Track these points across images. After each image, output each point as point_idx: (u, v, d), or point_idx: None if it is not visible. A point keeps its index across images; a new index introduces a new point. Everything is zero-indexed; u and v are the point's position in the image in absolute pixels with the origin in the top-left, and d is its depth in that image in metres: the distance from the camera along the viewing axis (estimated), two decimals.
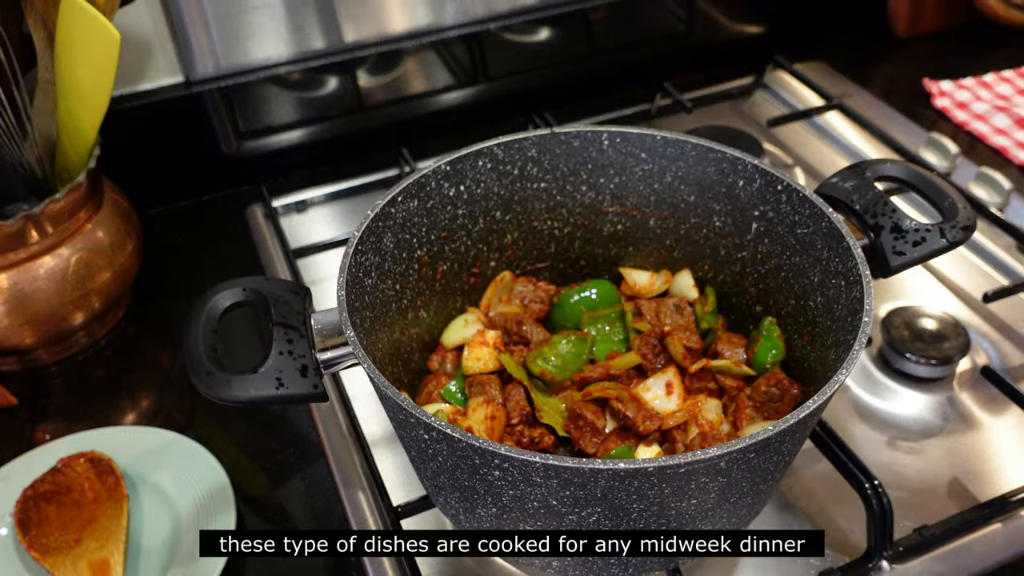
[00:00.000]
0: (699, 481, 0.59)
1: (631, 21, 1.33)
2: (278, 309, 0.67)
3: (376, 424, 0.89)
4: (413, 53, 1.23)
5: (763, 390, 0.76)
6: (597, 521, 0.61)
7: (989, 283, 1.03)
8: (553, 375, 0.79)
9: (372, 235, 0.74)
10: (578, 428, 0.74)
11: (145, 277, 1.06)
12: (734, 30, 1.44)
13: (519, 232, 0.89)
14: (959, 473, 0.84)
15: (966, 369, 0.93)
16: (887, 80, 1.38)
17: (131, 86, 1.15)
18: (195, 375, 0.63)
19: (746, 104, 1.38)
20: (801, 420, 0.57)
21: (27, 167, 0.93)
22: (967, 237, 0.73)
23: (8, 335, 0.93)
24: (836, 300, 0.71)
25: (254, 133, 1.22)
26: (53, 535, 0.78)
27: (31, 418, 0.94)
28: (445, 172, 0.81)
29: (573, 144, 0.84)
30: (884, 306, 0.99)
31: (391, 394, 0.60)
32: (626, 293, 0.90)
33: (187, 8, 1.08)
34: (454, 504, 0.70)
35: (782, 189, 0.77)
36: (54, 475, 0.82)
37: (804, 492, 0.82)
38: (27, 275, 0.91)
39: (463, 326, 0.86)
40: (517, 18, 1.25)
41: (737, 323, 0.87)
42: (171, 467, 0.84)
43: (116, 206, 1.00)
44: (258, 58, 1.16)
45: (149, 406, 0.96)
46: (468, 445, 0.57)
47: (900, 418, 0.89)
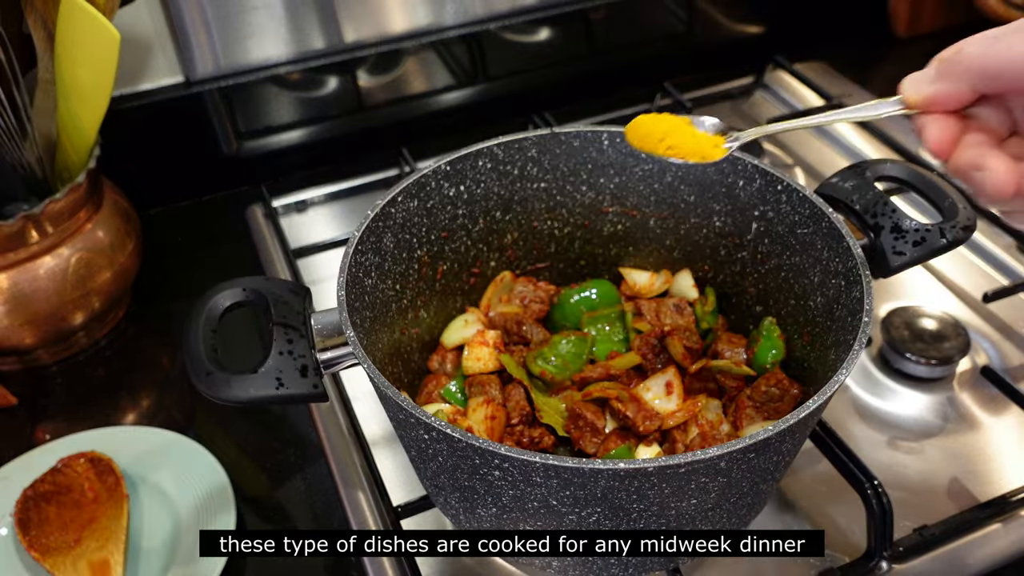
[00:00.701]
0: (699, 481, 0.59)
1: (631, 21, 1.33)
2: (278, 309, 0.67)
3: (376, 424, 0.89)
4: (413, 53, 1.23)
5: (763, 390, 0.76)
6: (597, 521, 0.61)
7: (989, 283, 1.03)
8: (553, 375, 0.79)
9: (372, 235, 0.74)
10: (578, 428, 0.74)
11: (145, 277, 1.06)
12: (734, 30, 1.44)
13: (519, 232, 0.89)
14: (959, 473, 0.84)
15: (966, 369, 0.93)
16: (887, 80, 1.38)
17: (131, 86, 1.15)
18: (195, 375, 0.63)
19: (746, 104, 1.38)
20: (801, 420, 0.57)
21: (27, 167, 0.93)
22: (967, 237, 0.73)
23: (8, 335, 0.93)
24: (836, 300, 0.71)
25: (254, 133, 1.22)
26: (53, 535, 0.78)
27: (31, 418, 0.94)
28: (445, 172, 0.81)
29: (573, 144, 0.84)
30: (884, 306, 0.99)
31: (391, 394, 0.60)
32: (626, 293, 0.90)
33: (187, 8, 1.08)
34: (454, 504, 0.70)
35: (782, 189, 0.77)
36: (54, 475, 0.82)
37: (804, 492, 0.82)
38: (27, 275, 0.91)
39: (463, 326, 0.86)
40: (517, 18, 1.25)
41: (737, 323, 0.87)
42: (171, 467, 0.84)
43: (116, 206, 1.00)
44: (258, 58, 1.16)
45: (149, 406, 0.96)
46: (468, 445, 0.57)
47: (900, 418, 0.89)
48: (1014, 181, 0.51)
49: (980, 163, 0.51)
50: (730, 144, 0.66)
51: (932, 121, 0.54)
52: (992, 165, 0.51)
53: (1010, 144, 0.54)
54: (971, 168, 0.52)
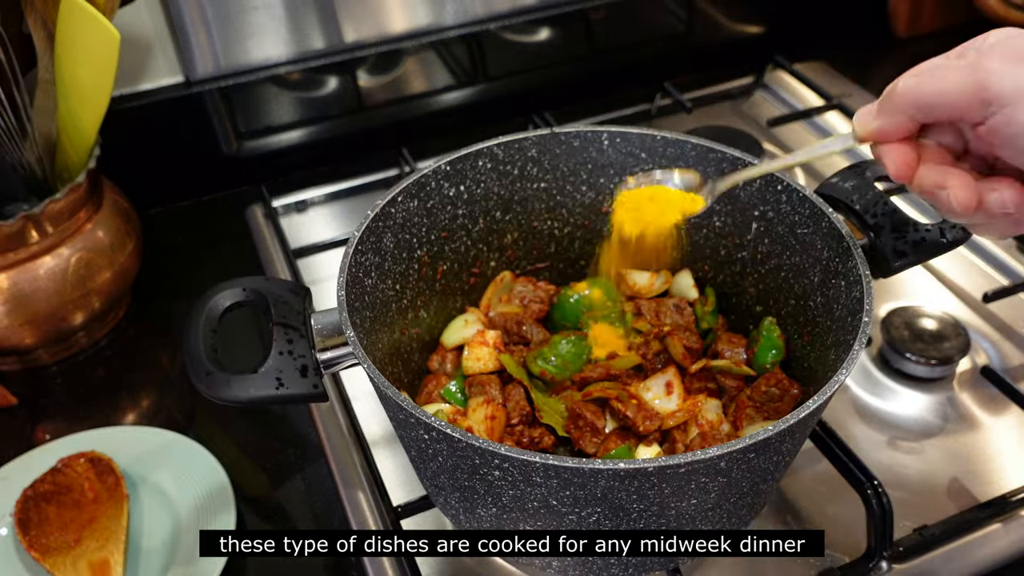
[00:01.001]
0: (699, 481, 0.59)
1: (631, 21, 1.33)
2: (278, 309, 0.67)
3: (376, 424, 0.89)
4: (413, 53, 1.23)
5: (763, 390, 0.76)
6: (597, 521, 0.61)
7: (989, 283, 1.03)
8: (553, 375, 0.79)
9: (372, 235, 0.74)
10: (578, 428, 0.74)
11: (145, 277, 1.06)
12: (734, 30, 1.44)
13: (519, 232, 0.89)
14: (959, 473, 0.84)
15: (966, 369, 0.93)
16: (887, 80, 1.36)
17: (131, 86, 1.15)
18: (195, 375, 0.63)
19: (746, 104, 1.38)
20: (801, 420, 0.57)
21: (27, 167, 0.93)
22: (967, 237, 0.73)
23: (8, 335, 0.93)
24: (836, 300, 0.71)
25: (254, 133, 1.22)
26: (53, 535, 0.78)
27: (31, 418, 0.94)
28: (445, 172, 0.81)
29: (573, 144, 0.84)
30: (884, 306, 0.99)
31: (391, 394, 0.60)
32: (626, 293, 0.90)
33: (187, 8, 1.08)
34: (454, 504, 0.70)
35: (782, 189, 0.77)
36: (54, 475, 0.82)
37: (804, 492, 0.82)
38: (27, 275, 0.91)
39: (463, 326, 0.86)
40: (517, 18, 1.25)
41: (737, 323, 0.87)
42: (171, 467, 0.84)
43: (116, 206, 1.00)
44: (258, 58, 1.16)
45: (149, 406, 0.96)
46: (468, 445, 0.57)
47: (900, 418, 0.89)
48: (975, 197, 0.54)
49: (942, 182, 0.55)
50: (706, 196, 0.71)
51: (888, 150, 0.57)
52: (952, 183, 0.54)
53: (968, 159, 0.57)
54: (934, 188, 0.55)
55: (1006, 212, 0.54)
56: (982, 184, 0.55)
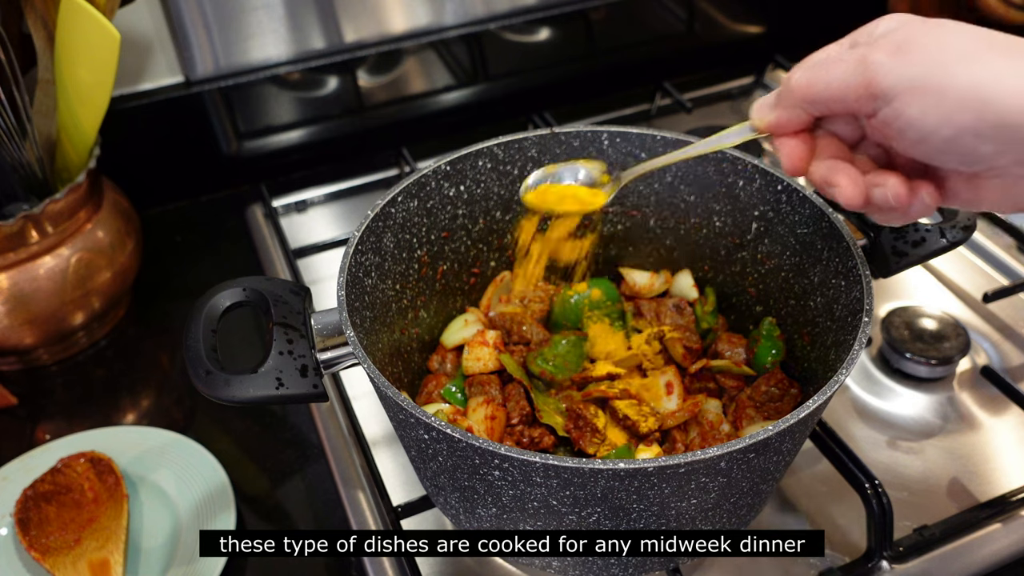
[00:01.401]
0: (699, 481, 0.59)
1: (631, 21, 1.33)
2: (278, 309, 0.67)
3: (376, 424, 0.89)
4: (413, 53, 1.23)
5: (763, 390, 0.76)
6: (597, 521, 0.61)
7: (989, 283, 1.03)
8: (553, 375, 0.79)
9: (372, 235, 0.74)
10: (578, 428, 0.74)
11: (145, 277, 1.06)
12: (734, 30, 1.44)
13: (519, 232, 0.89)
14: (959, 473, 0.84)
15: (966, 369, 0.93)
16: None
17: (131, 86, 1.15)
18: (195, 375, 0.63)
19: (746, 104, 1.38)
20: (801, 420, 0.57)
21: (27, 167, 0.93)
22: (967, 237, 0.73)
23: (8, 335, 0.93)
24: (836, 300, 0.71)
25: (254, 133, 1.22)
26: (53, 535, 0.78)
27: (31, 418, 0.94)
28: (445, 172, 0.81)
29: (573, 144, 0.84)
30: (884, 306, 0.99)
31: (391, 394, 0.60)
32: (626, 293, 0.90)
33: (187, 8, 1.08)
34: (454, 504, 0.70)
35: (782, 189, 0.77)
36: (54, 475, 0.82)
37: (804, 492, 0.82)
38: (27, 275, 0.91)
39: (463, 326, 0.86)
40: (517, 18, 1.25)
41: (737, 323, 0.87)
42: (171, 467, 0.84)
43: (116, 206, 1.00)
44: (258, 58, 1.16)
45: (149, 406, 0.96)
46: (468, 445, 0.57)
47: (900, 418, 0.89)
48: (861, 194, 0.55)
49: (830, 179, 0.56)
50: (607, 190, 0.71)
51: (782, 144, 0.58)
52: (840, 182, 0.56)
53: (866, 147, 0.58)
54: (824, 184, 0.57)
55: (890, 208, 0.55)
56: (870, 178, 0.55)
